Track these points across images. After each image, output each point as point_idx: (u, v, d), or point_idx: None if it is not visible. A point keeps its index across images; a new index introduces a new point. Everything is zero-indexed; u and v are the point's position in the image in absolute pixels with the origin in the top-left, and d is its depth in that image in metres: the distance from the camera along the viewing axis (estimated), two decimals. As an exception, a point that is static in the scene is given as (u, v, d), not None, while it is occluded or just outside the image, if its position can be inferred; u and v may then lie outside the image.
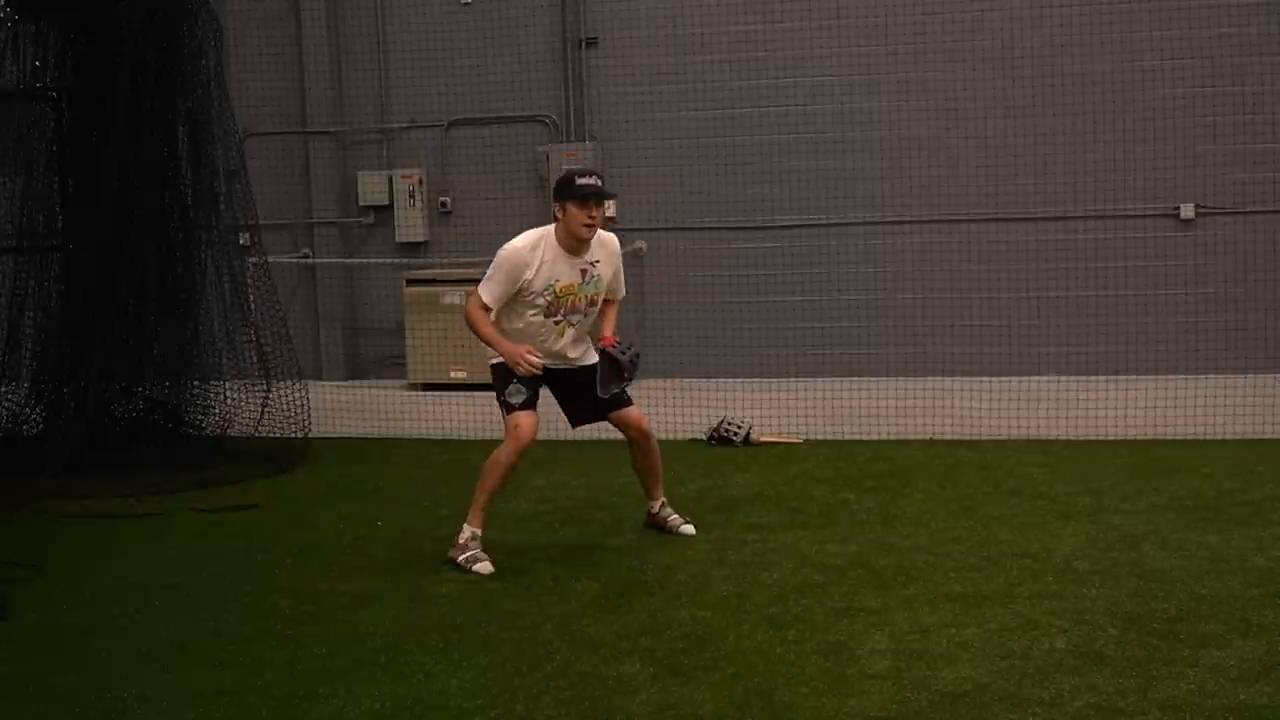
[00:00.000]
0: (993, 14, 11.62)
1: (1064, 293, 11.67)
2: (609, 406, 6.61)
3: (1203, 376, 10.65)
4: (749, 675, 4.82)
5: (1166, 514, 6.91)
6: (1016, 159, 11.68)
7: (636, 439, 6.76)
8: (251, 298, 9.62)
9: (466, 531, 6.41)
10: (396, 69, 12.92)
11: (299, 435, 9.34)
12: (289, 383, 9.52)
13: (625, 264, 6.69)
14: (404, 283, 12.52)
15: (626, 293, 6.83)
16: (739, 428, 9.24)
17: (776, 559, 6.33)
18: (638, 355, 6.57)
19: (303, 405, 9.45)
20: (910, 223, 11.92)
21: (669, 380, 11.64)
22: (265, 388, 9.46)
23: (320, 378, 12.62)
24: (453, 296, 12.27)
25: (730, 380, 11.66)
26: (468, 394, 11.73)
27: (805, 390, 10.54)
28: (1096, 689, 4.57)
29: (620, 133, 12.41)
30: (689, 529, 6.88)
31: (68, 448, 8.70)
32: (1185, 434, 8.86)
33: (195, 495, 8.16)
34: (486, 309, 6.31)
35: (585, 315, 6.50)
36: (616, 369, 6.48)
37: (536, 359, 6.25)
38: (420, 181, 12.86)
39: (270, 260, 10.09)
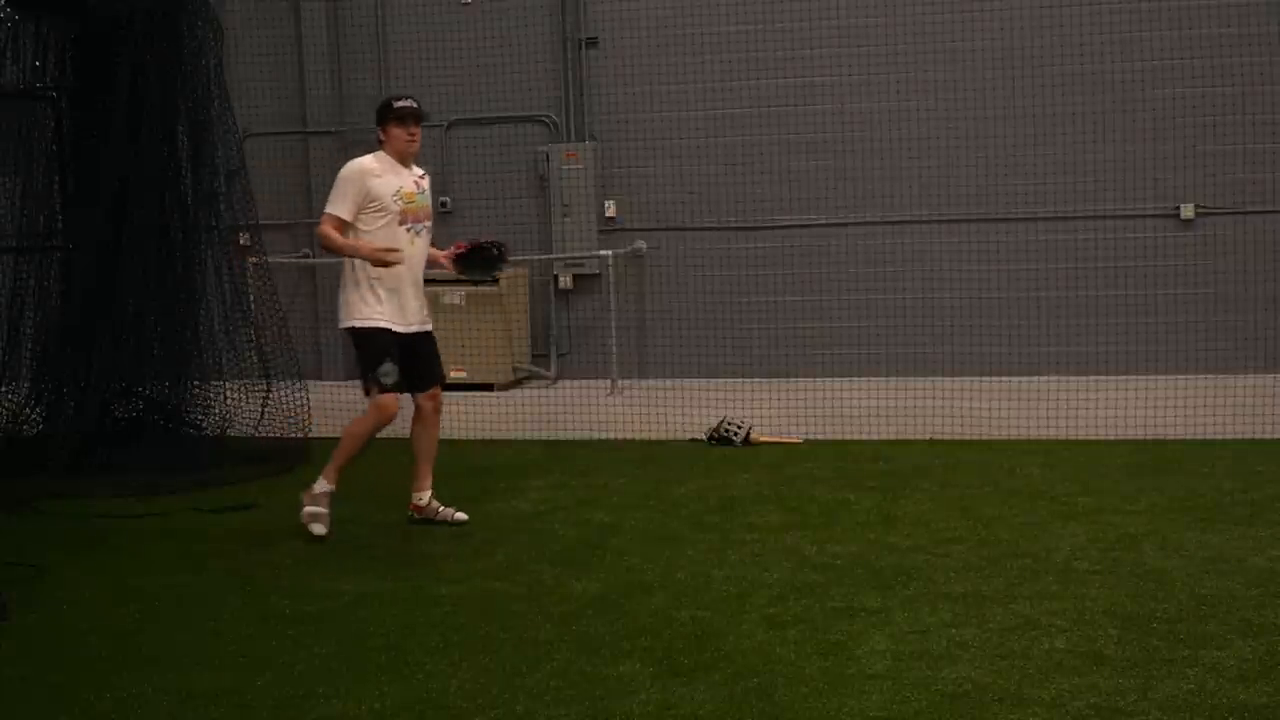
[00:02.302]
0: (993, 14, 11.62)
1: (1064, 293, 11.67)
2: (426, 382, 7.14)
3: (1203, 376, 10.65)
4: (749, 675, 4.82)
5: (1166, 514, 6.91)
6: (1017, 159, 11.68)
7: (429, 414, 7.20)
8: (251, 298, 9.62)
9: (322, 485, 7.00)
10: (396, 69, 12.92)
11: (299, 435, 9.33)
12: (289, 383, 9.52)
13: (626, 263, 6.91)
14: (404, 283, 12.50)
15: (625, 292, 7.02)
16: (739, 428, 9.24)
17: (776, 559, 6.33)
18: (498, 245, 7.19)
19: (303, 405, 9.45)
20: (910, 223, 11.92)
21: (669, 380, 11.65)
22: (265, 388, 9.45)
23: (320, 378, 12.60)
24: (453, 296, 12.27)
25: (730, 380, 11.67)
26: (468, 394, 11.73)
27: (805, 390, 10.53)
28: (1096, 689, 4.57)
29: (620, 133, 12.41)
30: (462, 515, 7.23)
31: (68, 448, 8.70)
32: (1185, 434, 8.86)
33: (195, 495, 8.16)
34: (341, 224, 6.84)
35: (426, 226, 7.04)
36: (481, 253, 7.14)
37: (397, 254, 6.73)
38: (420, 181, 12.84)
39: (270, 260, 10.08)
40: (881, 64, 11.86)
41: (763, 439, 9.24)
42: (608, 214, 12.32)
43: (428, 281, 12.25)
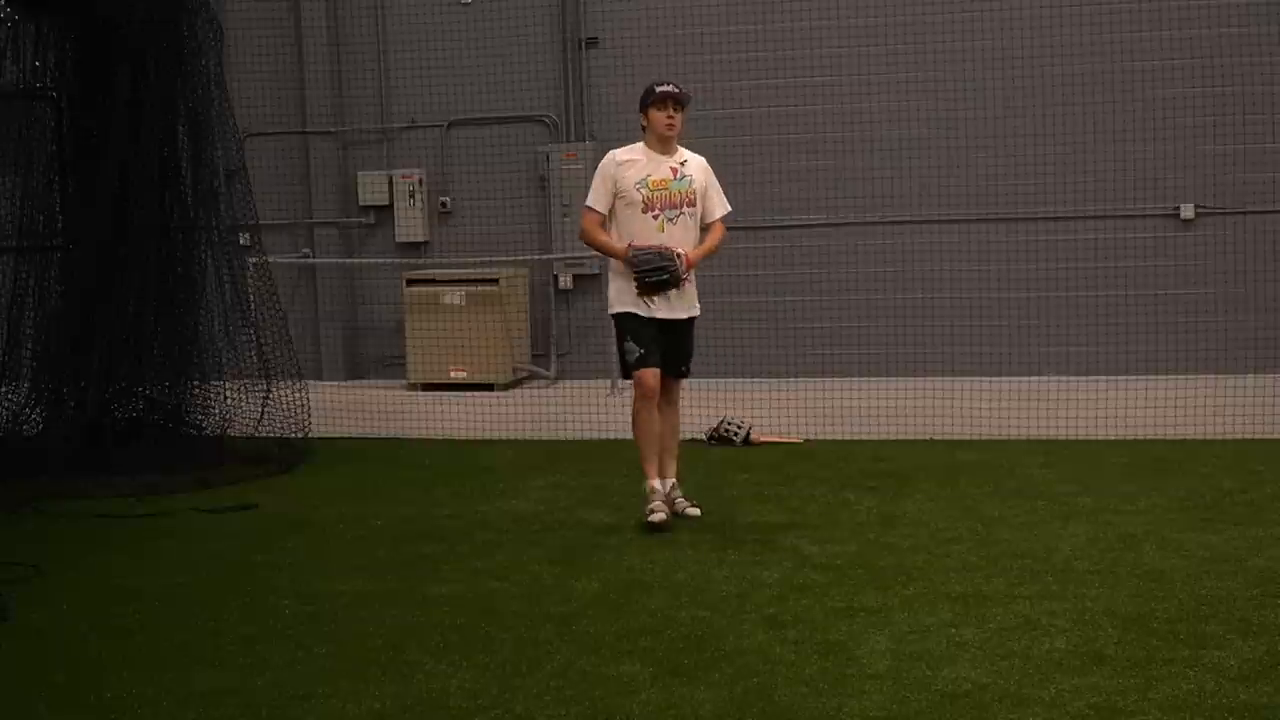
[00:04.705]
0: (992, 14, 11.62)
1: (1064, 293, 11.67)
2: (674, 372, 7.24)
3: (1203, 376, 10.65)
4: (749, 675, 4.82)
5: (1166, 514, 6.91)
6: (1016, 159, 11.68)
7: (665, 405, 7.19)
8: (251, 298, 9.62)
9: (645, 486, 7.06)
10: (396, 69, 12.92)
11: (299, 435, 9.33)
12: (289, 383, 9.52)
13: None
14: (404, 283, 12.53)
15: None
16: (739, 428, 9.24)
17: (776, 559, 6.33)
18: (661, 272, 6.95)
19: (303, 405, 9.44)
20: (910, 223, 11.92)
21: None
22: (265, 388, 9.45)
23: (320, 378, 12.62)
24: (453, 296, 12.27)
25: (730, 380, 11.66)
26: (468, 394, 11.74)
27: (805, 390, 10.54)
28: (1096, 689, 4.57)
29: (620, 133, 12.38)
30: (695, 511, 7.15)
31: (68, 447, 8.70)
32: (1185, 434, 8.86)
33: (195, 495, 8.16)
34: (596, 214, 7.10)
35: (684, 213, 7.08)
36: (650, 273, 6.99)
37: (630, 245, 6.92)
38: (420, 181, 12.86)
39: (270, 260, 10.09)
40: (881, 64, 11.86)
41: (763, 439, 9.24)
42: (608, 214, 12.31)
43: (432, 281, 12.41)
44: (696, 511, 7.16)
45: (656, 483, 7.05)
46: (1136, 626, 5.19)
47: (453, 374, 12.24)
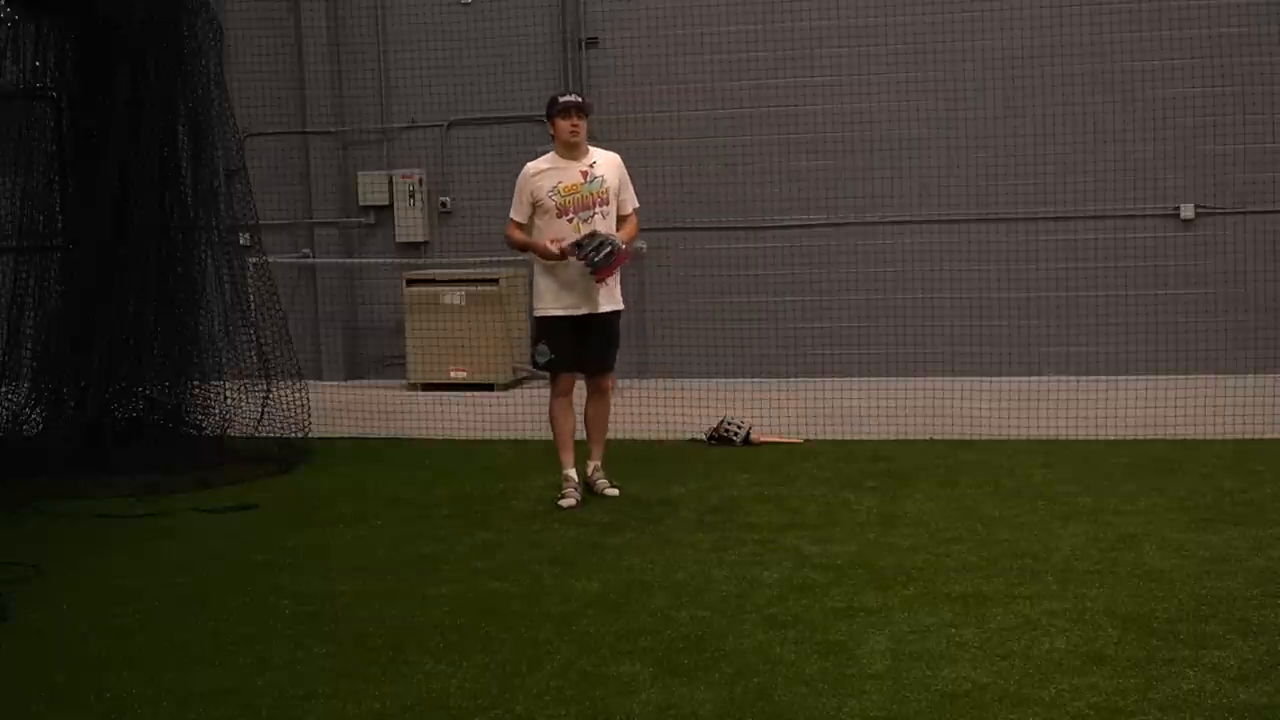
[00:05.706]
0: (993, 14, 11.61)
1: (1064, 293, 11.66)
2: (598, 368, 7.81)
3: (1203, 376, 10.65)
4: (749, 675, 4.83)
5: (1166, 514, 6.91)
6: (1016, 159, 11.67)
7: (592, 393, 7.91)
8: (251, 298, 9.62)
9: (561, 475, 7.67)
10: (396, 69, 12.92)
11: (299, 435, 9.33)
12: (289, 383, 9.52)
13: (627, 262, 7.27)
14: (404, 283, 12.52)
15: (625, 292, 7.79)
16: (739, 428, 9.24)
17: (776, 559, 6.33)
18: (603, 247, 7.38)
19: (303, 405, 9.44)
20: (910, 223, 11.91)
21: (669, 380, 11.64)
22: (265, 388, 9.45)
23: (320, 378, 12.61)
24: (453, 296, 12.27)
25: (730, 380, 11.67)
26: (468, 394, 11.73)
27: (805, 390, 10.54)
28: (1096, 689, 4.57)
29: (620, 133, 12.40)
30: (613, 491, 7.72)
31: (68, 447, 8.70)
32: (1185, 434, 8.85)
33: (195, 495, 8.16)
34: (515, 224, 7.64)
35: (597, 213, 7.53)
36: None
37: (563, 246, 7.35)
38: (420, 181, 12.86)
39: (270, 260, 10.09)
40: (881, 64, 11.85)
41: (763, 439, 9.24)
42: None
43: (432, 281, 12.41)
44: (615, 491, 7.71)
45: (571, 472, 7.67)
46: (1136, 626, 5.19)
47: (453, 374, 12.24)
